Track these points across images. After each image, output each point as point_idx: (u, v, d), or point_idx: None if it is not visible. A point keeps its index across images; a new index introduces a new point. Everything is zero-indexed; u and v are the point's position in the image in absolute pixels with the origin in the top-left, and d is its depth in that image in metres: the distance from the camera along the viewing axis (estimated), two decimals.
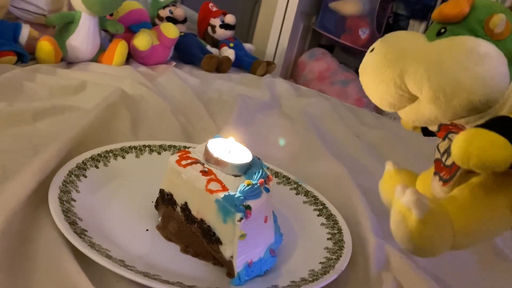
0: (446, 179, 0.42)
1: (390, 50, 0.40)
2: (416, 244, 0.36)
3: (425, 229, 0.36)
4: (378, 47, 0.42)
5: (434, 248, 0.37)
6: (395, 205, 0.37)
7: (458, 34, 0.39)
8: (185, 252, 0.49)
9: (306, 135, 0.94)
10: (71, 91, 0.85)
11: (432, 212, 0.36)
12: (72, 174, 0.53)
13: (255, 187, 0.46)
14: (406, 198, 0.36)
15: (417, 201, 0.35)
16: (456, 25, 0.40)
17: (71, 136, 0.60)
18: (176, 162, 0.48)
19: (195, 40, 1.42)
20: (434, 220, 0.36)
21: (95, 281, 0.39)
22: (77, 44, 1.08)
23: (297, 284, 0.45)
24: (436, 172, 0.44)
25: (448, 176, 0.42)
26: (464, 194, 0.39)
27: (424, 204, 0.36)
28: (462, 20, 0.40)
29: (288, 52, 2.04)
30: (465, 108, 0.38)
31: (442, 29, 0.40)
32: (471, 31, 0.39)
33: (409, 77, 0.39)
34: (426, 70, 0.38)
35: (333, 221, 0.58)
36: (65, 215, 0.45)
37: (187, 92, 1.03)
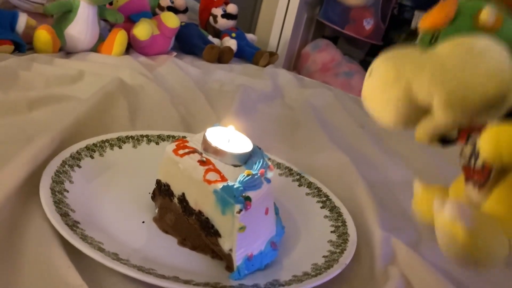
0: (482, 183, 0.40)
1: (389, 69, 0.39)
2: (473, 257, 0.34)
3: (478, 237, 0.34)
4: (376, 69, 0.41)
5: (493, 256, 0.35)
6: (438, 223, 0.36)
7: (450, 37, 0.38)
8: (183, 245, 0.47)
9: (309, 126, 0.92)
10: (68, 81, 0.84)
11: (480, 219, 0.34)
12: (66, 164, 0.51)
13: (256, 177, 0.44)
14: (447, 211, 0.34)
15: (460, 211, 0.34)
16: (446, 30, 0.39)
17: (65, 125, 0.59)
18: (173, 152, 0.46)
19: (196, 30, 1.40)
20: (484, 226, 0.34)
21: (86, 275, 0.37)
22: (75, 33, 1.05)
23: (299, 278, 0.43)
24: (468, 179, 0.42)
25: (483, 179, 0.40)
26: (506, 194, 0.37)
27: (469, 213, 0.34)
28: (451, 23, 0.39)
29: (291, 43, 2.01)
30: (480, 106, 0.36)
31: (433, 37, 0.40)
32: (462, 31, 0.38)
33: (416, 90, 0.38)
34: (432, 78, 0.37)
35: (337, 214, 0.56)
36: (56, 206, 0.44)
37: (188, 82, 1.00)
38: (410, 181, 0.72)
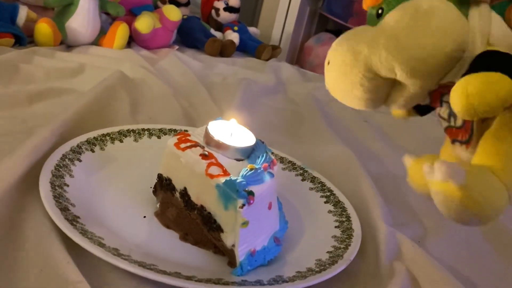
0: (467, 139, 0.40)
1: (345, 53, 0.40)
2: (472, 211, 0.34)
3: (473, 190, 0.33)
4: (333, 55, 0.41)
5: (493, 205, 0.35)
6: (432, 187, 0.35)
7: (394, 6, 0.39)
8: (184, 240, 0.46)
9: (312, 119, 0.91)
10: (69, 74, 0.83)
11: (471, 173, 0.34)
12: (66, 158, 0.51)
13: (259, 171, 0.43)
14: (437, 173, 0.34)
15: (449, 169, 0.33)
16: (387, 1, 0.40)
17: (65, 119, 0.58)
18: (174, 145, 0.45)
19: (198, 24, 1.38)
20: (477, 178, 0.34)
21: (86, 271, 0.36)
22: (76, 26, 1.05)
23: (303, 274, 0.42)
24: (453, 139, 0.42)
25: (467, 135, 0.40)
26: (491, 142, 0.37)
27: (459, 169, 0.33)
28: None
29: (294, 37, 2.00)
30: (443, 64, 0.37)
31: (379, 11, 0.40)
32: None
33: (377, 66, 0.38)
34: (388, 51, 0.37)
35: (341, 208, 0.55)
36: (56, 200, 0.43)
37: (190, 76, 1.00)
38: None
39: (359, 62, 0.39)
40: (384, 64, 0.38)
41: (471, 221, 0.35)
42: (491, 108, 0.33)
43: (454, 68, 0.38)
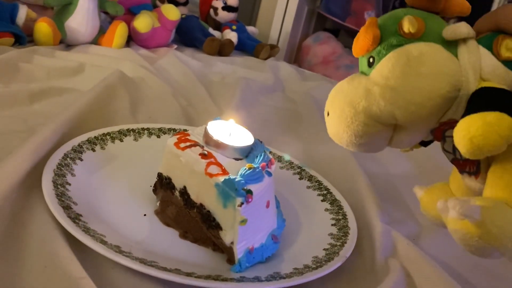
0: (475, 171, 0.41)
1: (344, 106, 0.41)
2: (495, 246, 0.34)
3: (492, 226, 0.34)
4: (331, 109, 0.43)
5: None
6: (448, 225, 0.36)
7: (385, 55, 0.40)
8: (184, 237, 0.47)
9: (310, 118, 0.92)
10: (69, 73, 0.84)
11: (487, 208, 0.34)
12: (68, 157, 0.52)
13: (257, 170, 0.44)
14: (452, 212, 0.35)
15: (464, 208, 0.34)
16: (378, 50, 0.40)
17: (66, 118, 0.59)
18: (174, 145, 0.46)
19: (197, 23, 1.39)
20: (493, 213, 0.34)
21: (89, 268, 0.37)
22: (76, 25, 1.05)
23: (300, 271, 0.43)
24: (461, 171, 0.43)
25: (474, 166, 0.41)
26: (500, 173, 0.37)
27: (473, 206, 0.34)
28: (380, 43, 0.40)
29: (292, 36, 2.00)
30: (441, 105, 0.38)
31: (370, 59, 0.41)
32: (393, 45, 0.40)
33: (377, 115, 0.39)
34: (385, 100, 0.38)
35: (338, 207, 0.56)
36: (59, 199, 0.44)
37: (189, 75, 1.00)
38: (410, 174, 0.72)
39: (359, 114, 0.40)
40: (384, 113, 0.39)
41: (492, 255, 0.35)
42: (496, 147, 0.33)
43: (452, 106, 0.39)
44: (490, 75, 0.38)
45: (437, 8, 0.42)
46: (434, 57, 0.38)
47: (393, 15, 0.41)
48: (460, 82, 0.38)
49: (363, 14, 2.06)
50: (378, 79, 0.39)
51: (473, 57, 0.39)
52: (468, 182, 0.43)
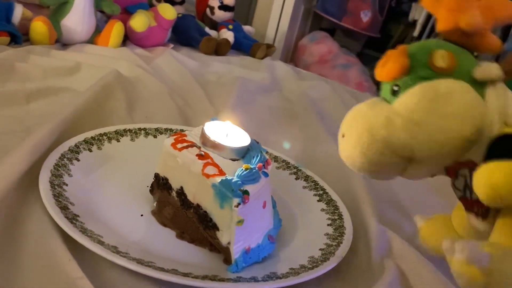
0: (484, 213, 0.40)
1: (362, 132, 0.39)
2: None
3: (499, 275, 0.34)
4: (348, 132, 0.41)
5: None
6: (453, 266, 0.36)
7: (411, 86, 0.38)
8: (181, 238, 0.47)
9: (306, 118, 0.93)
10: (65, 72, 0.83)
11: (495, 256, 0.34)
12: (64, 158, 0.52)
13: (253, 171, 0.44)
14: (459, 255, 0.34)
15: (472, 253, 0.34)
16: (405, 79, 0.39)
17: (63, 118, 0.59)
18: (171, 145, 0.47)
19: (193, 22, 1.39)
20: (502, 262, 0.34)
21: (86, 268, 0.38)
22: (72, 25, 1.05)
23: (296, 271, 0.44)
24: (468, 209, 0.42)
25: (483, 208, 0.40)
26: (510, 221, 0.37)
27: (482, 253, 0.34)
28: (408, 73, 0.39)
29: (289, 35, 2.01)
30: (461, 147, 0.37)
31: (395, 87, 0.39)
32: (422, 77, 0.38)
33: (395, 146, 0.38)
34: (406, 133, 0.37)
35: (334, 207, 0.57)
36: (56, 199, 0.44)
37: (185, 74, 1.00)
38: None
39: (377, 142, 0.39)
40: (402, 145, 0.38)
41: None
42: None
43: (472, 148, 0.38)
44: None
45: (472, 44, 0.40)
46: (462, 97, 0.37)
47: (425, 46, 0.40)
48: (484, 126, 0.37)
49: (359, 14, 2.07)
50: (402, 110, 0.38)
51: (500, 101, 0.38)
52: (473, 221, 0.42)
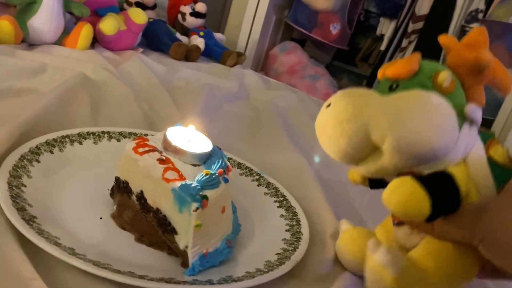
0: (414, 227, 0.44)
1: (349, 104, 0.42)
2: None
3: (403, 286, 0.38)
4: (336, 102, 0.43)
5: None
6: (369, 263, 0.39)
7: (410, 88, 0.42)
8: (140, 241, 0.48)
9: (271, 126, 0.94)
10: (30, 74, 0.82)
11: (408, 268, 0.38)
12: (24, 159, 0.51)
13: (213, 177, 0.45)
14: (381, 256, 0.38)
15: (392, 258, 0.37)
16: (406, 81, 0.42)
17: (23, 119, 0.58)
18: (132, 149, 0.47)
19: (164, 27, 1.39)
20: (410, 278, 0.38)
21: (41, 269, 0.38)
22: (39, 25, 1.03)
23: (252, 274, 0.45)
24: (401, 222, 0.45)
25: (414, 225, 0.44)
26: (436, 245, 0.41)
27: (399, 262, 0.37)
28: (412, 77, 0.42)
29: (260, 44, 2.03)
30: (424, 156, 0.40)
31: (393, 85, 0.43)
32: (421, 86, 0.42)
33: (372, 128, 0.40)
34: (388, 121, 0.40)
35: (292, 213, 0.58)
36: (13, 200, 0.44)
37: (153, 79, 1.00)
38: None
39: (356, 118, 0.41)
40: (379, 130, 0.40)
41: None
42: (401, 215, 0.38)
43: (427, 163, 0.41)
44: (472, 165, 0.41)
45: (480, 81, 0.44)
46: (447, 116, 0.40)
47: (435, 64, 0.44)
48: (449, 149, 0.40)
49: (329, 26, 2.12)
50: (394, 103, 0.40)
51: (469, 140, 0.41)
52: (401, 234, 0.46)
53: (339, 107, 0.42)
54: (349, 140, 0.42)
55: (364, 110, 0.41)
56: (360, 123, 0.41)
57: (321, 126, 0.44)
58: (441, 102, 0.40)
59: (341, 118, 0.42)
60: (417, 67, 0.43)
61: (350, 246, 0.51)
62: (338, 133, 0.42)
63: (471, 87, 0.44)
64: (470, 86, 0.44)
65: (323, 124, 0.44)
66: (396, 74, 0.43)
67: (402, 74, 0.43)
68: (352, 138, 0.41)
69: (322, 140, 0.44)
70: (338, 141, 0.42)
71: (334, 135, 0.42)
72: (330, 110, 0.43)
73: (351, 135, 0.41)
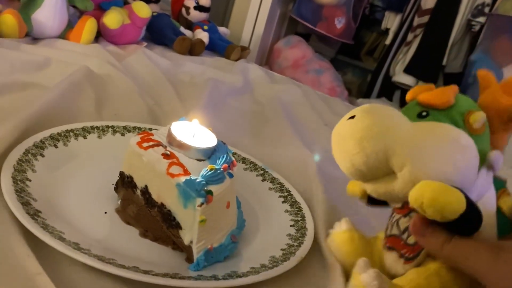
0: (410, 258, 0.42)
1: (375, 123, 0.40)
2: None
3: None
4: (361, 116, 0.41)
5: None
6: (353, 281, 0.39)
7: (440, 121, 0.40)
8: (144, 236, 0.48)
9: (276, 121, 0.94)
10: (34, 68, 0.82)
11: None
12: (29, 153, 0.51)
13: (218, 172, 0.45)
14: (367, 278, 0.38)
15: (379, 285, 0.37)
16: (438, 112, 0.41)
17: (29, 114, 0.58)
18: (137, 144, 0.47)
19: (168, 21, 1.39)
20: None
21: (46, 265, 0.38)
22: (43, 19, 1.03)
23: (256, 270, 0.45)
24: (393, 247, 0.44)
25: (411, 254, 0.42)
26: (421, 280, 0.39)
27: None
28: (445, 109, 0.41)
29: (264, 38, 2.02)
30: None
31: (423, 112, 0.41)
32: (452, 121, 0.40)
33: (393, 153, 0.39)
34: (410, 151, 0.38)
35: (297, 208, 0.58)
36: (18, 195, 0.43)
37: (157, 73, 1.00)
38: None
39: (380, 139, 0.39)
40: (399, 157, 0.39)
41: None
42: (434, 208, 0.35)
43: None
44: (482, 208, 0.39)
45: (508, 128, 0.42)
46: (472, 158, 0.39)
47: (471, 102, 0.42)
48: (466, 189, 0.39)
49: (333, 20, 2.10)
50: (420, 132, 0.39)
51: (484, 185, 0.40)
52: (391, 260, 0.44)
53: (363, 123, 0.40)
54: (366, 159, 0.40)
55: (389, 133, 0.39)
56: (382, 145, 0.39)
57: (340, 137, 0.42)
58: (469, 144, 0.39)
59: (363, 135, 0.40)
60: (453, 101, 0.41)
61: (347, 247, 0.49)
62: (356, 150, 0.40)
63: (497, 132, 0.42)
64: (496, 131, 0.42)
65: (342, 135, 0.42)
66: (430, 102, 0.41)
67: (436, 104, 0.41)
68: (370, 158, 0.40)
69: (336, 151, 0.43)
70: (354, 157, 0.41)
71: (352, 150, 0.40)
72: (353, 124, 0.41)
73: (369, 155, 0.40)
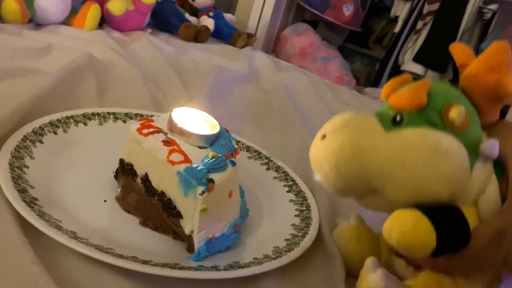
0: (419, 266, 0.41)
1: (346, 144, 0.37)
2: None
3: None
4: (332, 136, 0.38)
5: None
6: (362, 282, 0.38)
7: (416, 125, 0.36)
8: (144, 225, 0.47)
9: (281, 109, 0.92)
10: (36, 54, 0.81)
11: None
12: (27, 139, 0.50)
13: (220, 159, 0.44)
14: (376, 279, 0.37)
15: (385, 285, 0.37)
16: (414, 115, 0.37)
17: (27, 99, 0.57)
18: (137, 131, 0.46)
19: (173, 7, 1.37)
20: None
21: (42, 254, 0.37)
22: (46, 4, 1.02)
23: (259, 261, 0.43)
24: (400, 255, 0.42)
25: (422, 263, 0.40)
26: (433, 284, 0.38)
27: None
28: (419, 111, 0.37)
29: (271, 25, 1.99)
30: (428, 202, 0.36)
31: (397, 116, 0.38)
32: (430, 122, 0.37)
33: (371, 175, 0.36)
34: (389, 171, 0.35)
35: (302, 198, 0.57)
36: (14, 182, 0.42)
37: (161, 60, 0.99)
38: None
39: (353, 164, 0.36)
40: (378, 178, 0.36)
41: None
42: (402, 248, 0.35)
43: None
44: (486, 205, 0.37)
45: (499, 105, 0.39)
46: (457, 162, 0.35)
47: (447, 93, 0.38)
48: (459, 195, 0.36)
49: (341, 7, 2.07)
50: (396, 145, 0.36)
51: (482, 180, 0.37)
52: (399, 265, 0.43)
53: (335, 145, 0.37)
54: (345, 183, 0.38)
55: (363, 154, 0.36)
56: (357, 168, 0.36)
57: (316, 160, 0.39)
58: (452, 147, 0.35)
59: (337, 160, 0.37)
60: (425, 101, 0.37)
61: (354, 245, 0.47)
62: (333, 174, 0.38)
63: (487, 113, 0.39)
64: (486, 112, 0.39)
65: (318, 161, 0.39)
66: (400, 105, 0.38)
67: (407, 107, 0.37)
68: (348, 180, 0.37)
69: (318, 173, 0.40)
70: (335, 181, 0.38)
71: (330, 175, 0.38)
72: (326, 146, 0.38)
73: (347, 179, 0.37)
